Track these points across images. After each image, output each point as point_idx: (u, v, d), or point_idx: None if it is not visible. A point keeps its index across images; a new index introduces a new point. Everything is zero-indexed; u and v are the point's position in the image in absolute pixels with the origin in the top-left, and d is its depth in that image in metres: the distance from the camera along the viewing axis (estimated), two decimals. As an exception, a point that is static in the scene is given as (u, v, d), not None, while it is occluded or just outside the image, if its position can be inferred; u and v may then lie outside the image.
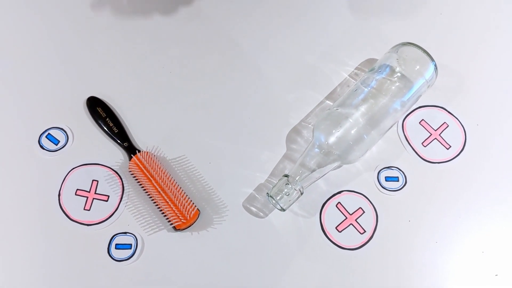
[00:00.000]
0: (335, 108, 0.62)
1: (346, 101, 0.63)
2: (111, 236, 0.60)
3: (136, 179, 0.62)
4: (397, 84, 0.63)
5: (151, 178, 0.60)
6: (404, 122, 0.67)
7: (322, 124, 0.62)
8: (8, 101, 0.67)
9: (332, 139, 0.60)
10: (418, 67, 0.63)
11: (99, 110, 0.66)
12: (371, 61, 0.71)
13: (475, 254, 0.60)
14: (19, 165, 0.63)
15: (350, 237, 0.61)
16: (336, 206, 0.63)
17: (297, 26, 0.74)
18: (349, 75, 0.70)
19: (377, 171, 0.64)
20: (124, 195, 0.62)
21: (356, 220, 0.62)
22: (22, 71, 0.69)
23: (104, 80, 0.69)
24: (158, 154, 0.64)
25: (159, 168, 0.61)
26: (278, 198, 0.59)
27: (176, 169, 0.64)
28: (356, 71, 0.70)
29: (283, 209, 0.59)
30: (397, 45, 0.65)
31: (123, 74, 0.70)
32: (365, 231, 0.61)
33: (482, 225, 0.62)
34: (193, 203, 0.60)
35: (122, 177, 0.63)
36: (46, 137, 0.65)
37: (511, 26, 0.74)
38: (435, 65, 0.63)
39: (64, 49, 0.72)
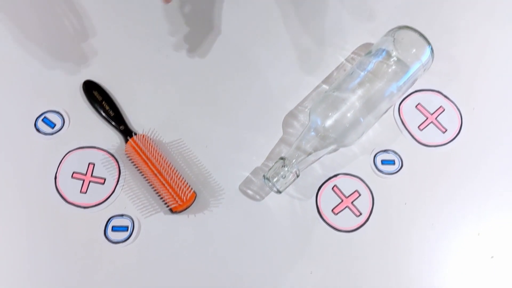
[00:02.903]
0: (331, 92, 0.62)
1: (342, 84, 0.63)
2: (108, 218, 0.60)
3: (133, 162, 0.62)
4: (393, 67, 0.63)
5: (147, 161, 0.60)
6: (401, 106, 0.67)
7: (319, 108, 0.62)
8: (4, 85, 0.67)
9: (328, 122, 0.60)
10: (414, 50, 0.63)
11: (95, 93, 0.66)
12: (367, 45, 0.70)
13: (471, 236, 0.61)
14: (15, 148, 0.63)
15: (346, 220, 0.61)
16: (332, 189, 0.63)
17: (293, 10, 0.74)
18: (345, 59, 0.70)
19: (373, 155, 0.64)
20: (120, 178, 0.62)
21: (352, 202, 0.62)
22: (18, 55, 0.69)
23: (100, 64, 0.69)
24: (155, 138, 0.64)
25: (155, 151, 0.61)
26: (274, 180, 0.59)
27: (172, 152, 0.64)
28: (352, 55, 0.70)
29: (279, 191, 0.59)
30: (393, 28, 0.65)
31: (119, 58, 0.70)
32: (361, 214, 0.61)
33: (478, 208, 0.62)
34: (190, 186, 0.60)
35: (118, 160, 0.63)
36: (42, 120, 0.65)
37: (507, 11, 0.74)
38: (431, 49, 0.63)
39: (61, 32, 0.71)
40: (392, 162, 0.64)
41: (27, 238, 0.59)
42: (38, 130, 0.64)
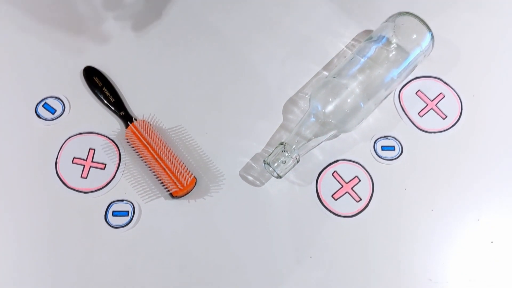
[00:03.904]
0: (331, 78, 0.62)
1: (342, 71, 0.63)
2: (108, 203, 0.60)
3: (133, 147, 0.62)
4: (394, 53, 0.63)
5: (148, 146, 0.60)
6: (401, 93, 0.68)
7: (319, 93, 0.62)
8: (4, 70, 0.67)
9: (328, 108, 0.60)
10: (415, 36, 0.63)
11: (95, 79, 0.66)
12: (368, 32, 0.70)
13: (471, 222, 0.61)
14: (15, 134, 0.63)
15: (346, 205, 0.61)
16: (332, 174, 0.63)
17: (294, -2, 0.74)
18: (346, 46, 0.70)
19: (374, 141, 0.65)
20: (121, 164, 0.62)
21: (352, 188, 0.62)
22: (18, 40, 0.69)
23: (101, 50, 0.69)
24: (155, 124, 0.64)
25: (156, 136, 0.61)
26: (275, 165, 0.59)
27: (172, 138, 0.64)
28: (353, 42, 0.70)
29: (279, 176, 0.60)
30: (394, 14, 0.65)
31: (120, 44, 0.70)
32: (361, 199, 0.61)
33: (478, 194, 0.62)
34: (190, 171, 0.60)
35: (119, 145, 0.63)
36: (42, 106, 0.65)
37: (508, -2, 0.74)
38: (432, 35, 0.63)
39: (61, 18, 0.71)
40: (392, 148, 0.64)
41: (27, 223, 0.59)
42: (38, 115, 0.64)
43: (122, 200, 0.60)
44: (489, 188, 0.62)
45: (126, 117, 0.64)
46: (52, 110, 0.65)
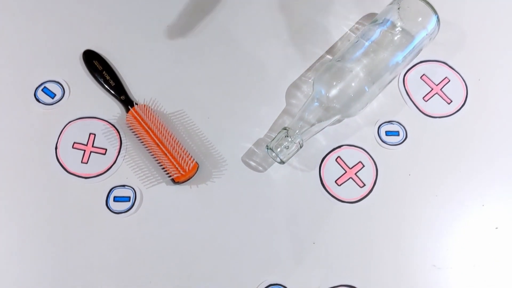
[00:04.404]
0: (335, 61, 0.61)
1: (346, 54, 0.62)
2: (109, 188, 0.60)
3: (134, 132, 0.61)
4: (398, 36, 0.62)
5: (149, 131, 0.59)
6: (405, 77, 0.67)
7: (323, 77, 0.61)
8: (3, 54, 0.66)
9: (332, 92, 0.59)
10: (420, 19, 0.62)
11: (95, 63, 0.65)
12: (372, 15, 0.69)
13: (475, 207, 0.60)
14: (15, 118, 0.63)
15: (350, 191, 0.61)
16: (336, 160, 0.62)
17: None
18: (349, 30, 0.69)
19: (378, 126, 0.64)
20: (122, 149, 0.62)
21: (355, 174, 0.61)
22: (17, 23, 0.68)
23: (101, 33, 0.68)
24: (156, 108, 0.64)
25: (157, 121, 0.60)
26: (278, 150, 0.58)
27: (174, 123, 0.63)
28: (357, 25, 0.69)
29: (282, 162, 0.59)
30: (399, -3, 0.64)
31: (120, 27, 0.69)
32: (364, 185, 0.61)
33: (482, 179, 0.61)
34: (192, 156, 0.59)
35: (119, 130, 0.62)
36: (42, 90, 0.64)
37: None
38: (438, 18, 0.62)
39: (61, 1, 0.70)
40: (396, 133, 0.63)
41: (28, 209, 0.59)
42: (38, 100, 0.63)
43: (124, 186, 0.60)
44: (494, 173, 0.62)
45: (127, 102, 0.63)
46: (51, 95, 0.64)
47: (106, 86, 0.64)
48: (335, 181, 0.61)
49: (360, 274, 0.57)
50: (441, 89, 0.66)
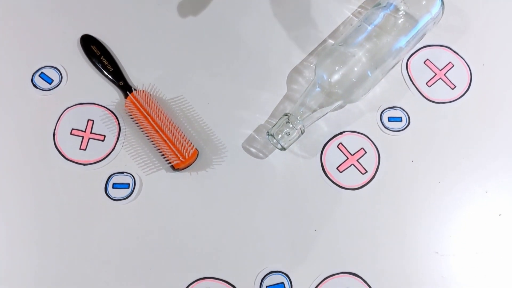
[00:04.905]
0: (338, 45, 0.60)
1: (349, 39, 0.61)
2: (108, 175, 0.59)
3: (133, 118, 0.60)
4: (402, 20, 0.60)
5: (148, 117, 0.58)
6: (409, 62, 0.66)
7: (325, 62, 0.60)
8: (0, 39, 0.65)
9: (334, 77, 0.58)
10: (424, 2, 0.61)
11: (93, 48, 0.64)
12: (375, -1, 0.68)
13: (479, 194, 0.60)
14: (12, 104, 0.62)
15: (351, 177, 0.60)
16: (338, 146, 0.61)
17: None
18: (352, 13, 0.68)
19: (380, 111, 0.63)
20: (120, 135, 0.61)
21: (357, 160, 0.61)
22: (14, 8, 0.67)
23: (99, 18, 0.67)
24: (155, 94, 0.63)
25: (156, 107, 0.59)
26: (279, 137, 0.57)
27: (173, 109, 0.62)
28: (359, 9, 0.68)
29: (283, 148, 0.58)
30: (403, -20, 0.63)
31: (118, 12, 0.68)
32: (366, 171, 0.60)
33: (486, 165, 0.61)
34: (191, 143, 0.58)
35: (118, 116, 0.62)
36: (39, 76, 0.63)
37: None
38: (442, 1, 0.61)
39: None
40: (399, 119, 0.62)
41: (26, 196, 0.58)
42: (35, 85, 0.63)
43: (123, 173, 0.59)
44: (497, 159, 0.61)
45: (125, 87, 0.62)
46: (49, 80, 0.63)
47: (104, 72, 0.63)
48: (337, 168, 0.60)
49: (362, 261, 0.57)
50: (444, 74, 0.65)
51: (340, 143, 0.62)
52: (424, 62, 0.66)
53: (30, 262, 0.56)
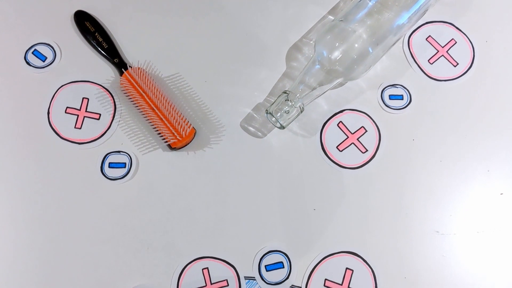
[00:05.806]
0: (338, 21, 0.59)
1: (349, 15, 0.59)
2: (104, 154, 0.58)
3: (129, 96, 0.59)
4: (404, -5, 0.59)
5: (144, 95, 0.57)
6: (410, 39, 0.64)
7: (324, 38, 0.58)
8: (-10, 15, 0.64)
9: (335, 54, 0.57)
10: (427, -23, 0.59)
11: (87, 24, 0.62)
12: (376, -26, 0.66)
13: (481, 173, 0.59)
14: (4, 82, 0.61)
15: (351, 156, 0.59)
16: (338, 125, 0.60)
17: None
18: (353, -11, 0.66)
19: (381, 89, 0.62)
20: (116, 114, 0.60)
21: (357, 139, 0.60)
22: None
23: (92, -7, 0.65)
24: (151, 72, 0.61)
25: (152, 85, 0.58)
26: (278, 115, 0.56)
27: (170, 87, 0.61)
28: (360, -16, 0.66)
29: (282, 127, 0.57)
30: (405, -47, 0.61)
31: (112, -13, 0.66)
32: (367, 150, 0.59)
33: (488, 144, 0.60)
34: (188, 121, 0.57)
35: (113, 95, 0.60)
36: (32, 53, 0.62)
37: None
38: (445, -24, 0.59)
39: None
40: (400, 97, 0.61)
41: (21, 176, 0.57)
42: (28, 63, 0.61)
43: (119, 152, 0.58)
44: (500, 138, 0.60)
45: (121, 64, 0.61)
46: (42, 57, 0.61)
47: (99, 49, 0.61)
48: (337, 147, 0.59)
49: (361, 240, 0.56)
50: (447, 51, 0.64)
51: (340, 121, 0.60)
52: (426, 39, 0.64)
53: (25, 241, 0.55)
